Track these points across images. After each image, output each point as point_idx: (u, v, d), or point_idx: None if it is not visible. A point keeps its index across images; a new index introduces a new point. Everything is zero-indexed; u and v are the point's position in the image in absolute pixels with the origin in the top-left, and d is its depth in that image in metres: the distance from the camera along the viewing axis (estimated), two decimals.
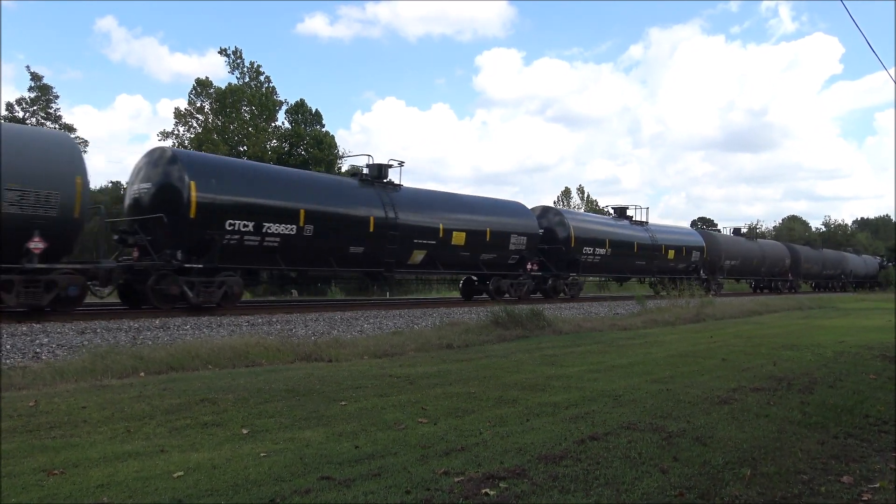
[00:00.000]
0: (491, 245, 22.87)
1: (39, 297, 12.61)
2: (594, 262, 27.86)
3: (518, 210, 25.43)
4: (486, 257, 22.85)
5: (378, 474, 4.29)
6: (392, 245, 19.45)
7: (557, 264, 25.93)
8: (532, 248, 24.36)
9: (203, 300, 15.15)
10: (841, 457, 4.88)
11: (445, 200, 22.51)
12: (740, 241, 42.87)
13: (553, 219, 26.89)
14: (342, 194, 18.83)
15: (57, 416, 5.88)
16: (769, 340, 13.46)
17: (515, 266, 23.91)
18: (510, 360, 10.02)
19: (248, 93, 48.76)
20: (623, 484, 4.14)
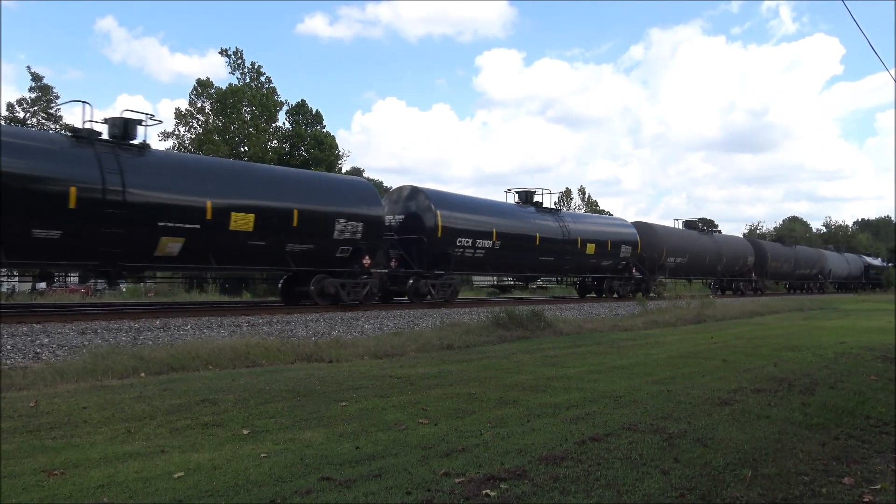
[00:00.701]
0: (303, 232, 17.12)
1: None
2: (476, 258, 22.41)
3: (351, 186, 19.60)
4: (297, 248, 17.09)
5: (379, 475, 4.29)
6: (116, 229, 13.73)
7: (422, 260, 21.00)
8: (373, 238, 18.91)
9: None
10: (842, 458, 4.87)
11: (222, 170, 16.92)
12: (690, 234, 37.31)
13: (421, 202, 21.44)
14: None
15: (57, 417, 5.88)
16: (770, 341, 13.45)
17: (348, 261, 18.35)
18: (511, 360, 10.01)
19: (249, 93, 48.73)
20: (624, 485, 4.13)
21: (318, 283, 17.73)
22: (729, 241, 42.34)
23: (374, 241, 19.09)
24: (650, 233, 33.05)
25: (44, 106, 43.35)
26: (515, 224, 24.44)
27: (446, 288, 21.61)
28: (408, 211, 21.53)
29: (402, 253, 20.98)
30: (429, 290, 20.92)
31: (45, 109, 43.34)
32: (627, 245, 29.98)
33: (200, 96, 48.31)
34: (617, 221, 32.70)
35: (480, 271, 24.42)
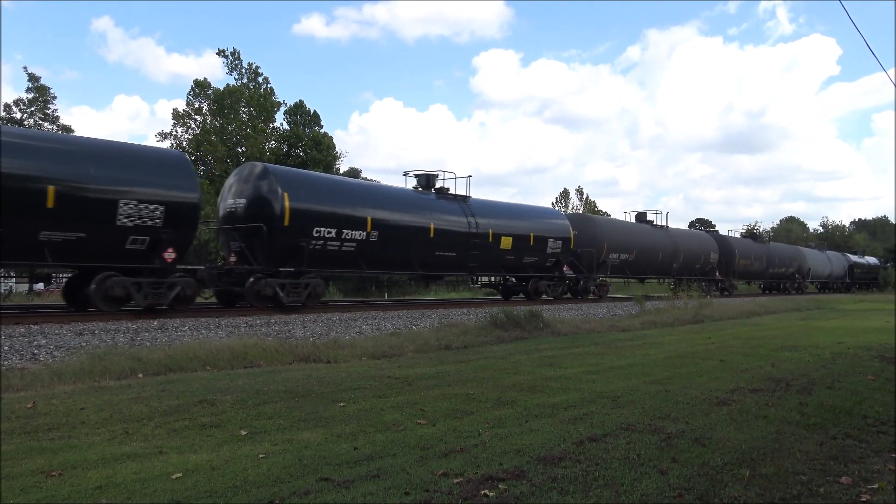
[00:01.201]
0: (65, 216, 12.90)
1: None
2: (343, 252, 18.05)
3: (149, 158, 15.06)
4: (58, 238, 12.97)
5: (377, 475, 4.29)
6: None
7: (265, 254, 16.54)
8: (181, 225, 14.71)
9: None
10: (839, 458, 4.88)
11: None
12: (638, 228, 33.19)
13: (267, 184, 16.93)
14: None
15: (55, 418, 5.87)
16: (767, 342, 13.48)
17: (145, 255, 14.23)
18: (509, 361, 10.02)
19: (247, 94, 48.75)
20: (622, 485, 4.14)
21: (101, 282, 13.50)
22: (688, 237, 37.50)
23: (183, 229, 14.76)
24: (588, 226, 29.02)
25: (41, 106, 43.30)
26: (401, 212, 20.01)
27: (300, 290, 17.02)
28: (252, 194, 16.96)
29: (243, 246, 16.61)
30: (275, 293, 16.34)
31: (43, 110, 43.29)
32: (557, 239, 25.56)
33: (198, 97, 48.32)
34: (544, 212, 27.41)
35: (351, 268, 19.41)
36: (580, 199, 75.24)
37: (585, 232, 28.00)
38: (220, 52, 50.51)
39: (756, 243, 44.38)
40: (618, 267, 30.14)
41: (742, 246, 41.74)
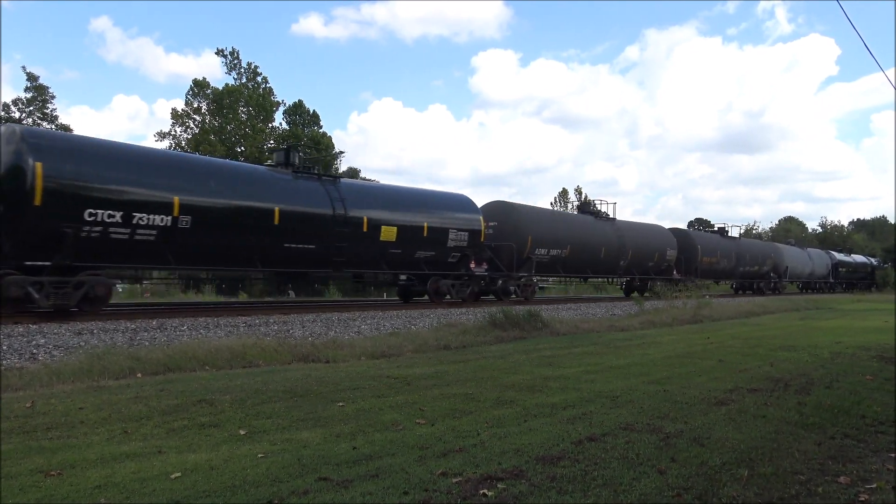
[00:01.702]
0: None
1: None
2: (138, 242, 14.20)
3: None
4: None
5: (376, 475, 4.29)
6: None
7: (13, 244, 13.13)
8: None
9: None
10: (838, 457, 4.89)
11: None
12: (574, 220, 29.31)
13: (12, 153, 13.13)
14: None
15: (54, 417, 5.87)
16: (766, 341, 13.49)
17: None
18: (507, 361, 10.02)
19: (246, 93, 48.75)
20: (621, 485, 4.14)
21: None
22: (639, 230, 32.44)
23: None
24: (509, 216, 24.79)
25: (39, 106, 43.28)
26: (229, 192, 15.96)
27: (69, 290, 13.30)
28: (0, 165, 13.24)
29: None
30: (27, 294, 12.71)
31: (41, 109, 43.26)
32: (461, 231, 21.65)
33: (197, 96, 48.31)
34: (445, 199, 22.82)
35: (151, 262, 15.59)
36: (579, 199, 75.29)
37: (505, 223, 24.59)
38: (220, 52, 50.53)
39: (724, 239, 40.78)
40: (547, 264, 26.12)
41: (706, 241, 37.70)
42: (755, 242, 48.56)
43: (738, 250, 40.59)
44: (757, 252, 43.46)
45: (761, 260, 43.43)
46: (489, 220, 23.94)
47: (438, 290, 21.39)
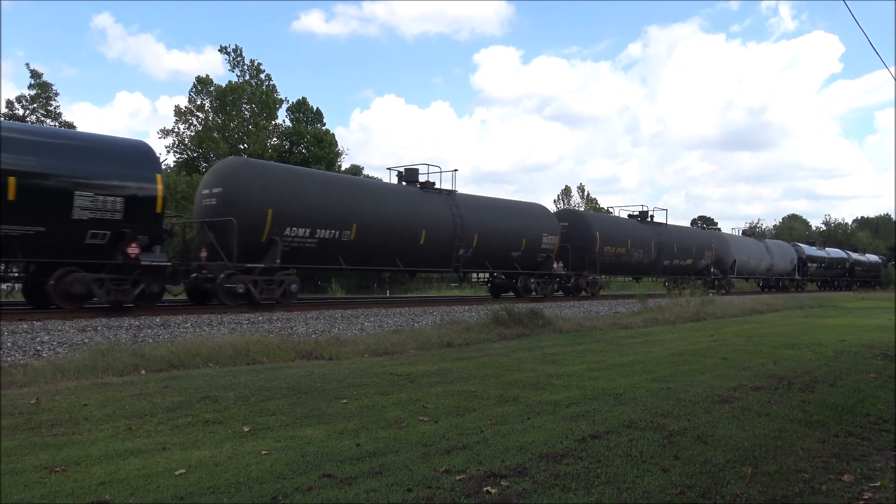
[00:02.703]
0: None
1: None
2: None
3: None
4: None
5: (379, 472, 4.30)
6: None
7: None
8: None
9: None
10: (842, 455, 4.89)
11: None
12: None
13: None
14: None
15: (58, 414, 5.89)
16: (770, 339, 13.47)
17: None
18: (511, 358, 10.02)
19: (249, 91, 48.74)
20: (624, 482, 4.14)
21: None
22: (492, 210, 23.79)
23: None
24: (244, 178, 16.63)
25: (43, 103, 43.34)
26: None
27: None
28: None
29: None
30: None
31: (45, 107, 43.32)
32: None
33: (200, 93, 48.30)
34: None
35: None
36: (581, 197, 75.22)
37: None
38: (223, 49, 50.49)
39: (642, 224, 32.56)
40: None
41: (610, 227, 29.80)
42: (688, 230, 39.65)
43: (659, 239, 32.23)
44: (689, 242, 34.75)
45: (696, 252, 34.87)
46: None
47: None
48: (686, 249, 34.32)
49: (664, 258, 32.73)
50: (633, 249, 30.41)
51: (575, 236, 27.29)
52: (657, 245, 32.06)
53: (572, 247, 26.83)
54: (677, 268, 34.27)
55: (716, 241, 37.56)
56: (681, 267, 34.45)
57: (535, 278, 24.79)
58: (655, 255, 32.00)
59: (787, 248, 48.09)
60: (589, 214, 30.24)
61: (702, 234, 39.15)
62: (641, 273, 33.20)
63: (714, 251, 36.31)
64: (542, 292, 25.04)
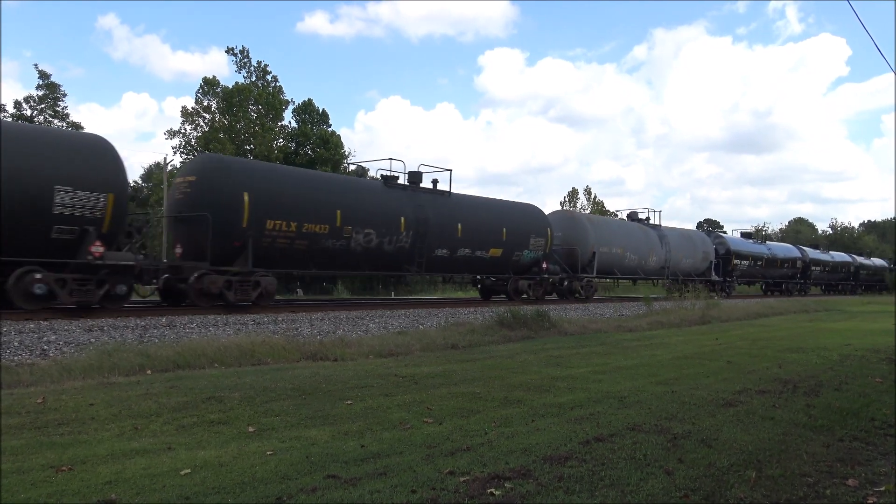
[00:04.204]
0: None
1: None
2: None
3: None
4: None
5: (384, 473, 4.31)
6: None
7: None
8: None
9: None
10: (846, 460, 4.88)
11: None
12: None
13: None
14: None
15: (65, 413, 5.92)
16: (775, 343, 13.44)
17: None
18: (515, 360, 10.03)
19: (255, 92, 48.87)
20: (628, 485, 4.15)
21: None
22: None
23: None
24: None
25: (51, 104, 43.54)
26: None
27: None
28: None
29: None
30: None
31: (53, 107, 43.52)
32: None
33: (207, 95, 48.46)
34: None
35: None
36: (588, 199, 75.19)
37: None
38: (230, 51, 50.65)
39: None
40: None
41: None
42: (514, 204, 25.79)
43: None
44: (484, 224, 22.32)
45: (514, 240, 23.30)
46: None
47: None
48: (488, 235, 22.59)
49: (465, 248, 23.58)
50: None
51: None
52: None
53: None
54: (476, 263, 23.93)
55: (547, 224, 25.35)
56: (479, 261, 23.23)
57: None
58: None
59: (699, 240, 36.78)
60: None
61: (532, 216, 25.09)
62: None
63: (543, 239, 24.59)
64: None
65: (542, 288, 24.83)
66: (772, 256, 44.40)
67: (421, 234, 19.98)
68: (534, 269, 24.46)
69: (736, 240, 42.56)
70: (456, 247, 21.31)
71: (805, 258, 47.82)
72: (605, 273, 29.15)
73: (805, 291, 48.13)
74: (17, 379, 7.45)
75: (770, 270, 44.50)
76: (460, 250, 21.50)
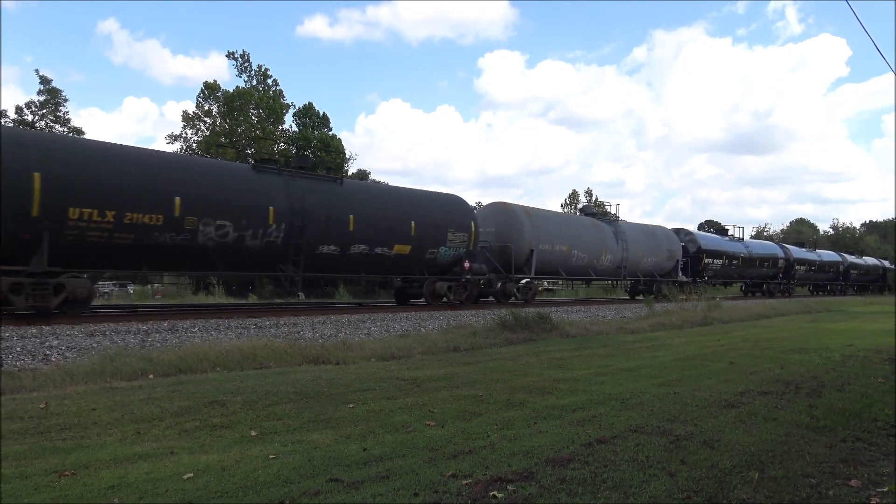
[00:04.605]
0: None
1: None
2: None
3: None
4: None
5: (386, 476, 4.31)
6: None
7: None
8: None
9: None
10: (849, 460, 4.87)
11: None
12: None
13: None
14: None
15: (67, 418, 5.92)
16: (777, 344, 13.43)
17: None
18: (517, 363, 10.02)
19: (256, 96, 48.93)
20: (631, 487, 4.14)
21: None
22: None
23: None
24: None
25: (52, 109, 43.61)
26: None
27: None
28: None
29: None
30: None
31: (54, 112, 43.59)
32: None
33: (207, 99, 48.52)
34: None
35: None
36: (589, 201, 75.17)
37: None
38: (230, 55, 50.74)
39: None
40: None
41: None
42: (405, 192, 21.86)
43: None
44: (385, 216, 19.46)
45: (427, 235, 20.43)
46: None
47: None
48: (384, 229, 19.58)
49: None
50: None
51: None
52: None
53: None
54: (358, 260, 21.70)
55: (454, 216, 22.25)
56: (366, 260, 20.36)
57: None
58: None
59: (663, 237, 33.20)
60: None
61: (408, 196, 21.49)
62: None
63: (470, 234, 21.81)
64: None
65: (466, 291, 21.89)
66: (749, 255, 41.17)
67: (298, 227, 17.01)
68: (455, 268, 21.61)
69: (708, 236, 39.48)
70: (348, 242, 18.28)
71: (788, 257, 45.35)
72: (548, 273, 26.54)
73: (789, 293, 45.70)
74: (19, 384, 7.46)
75: (748, 270, 41.66)
76: (354, 247, 18.48)
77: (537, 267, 24.68)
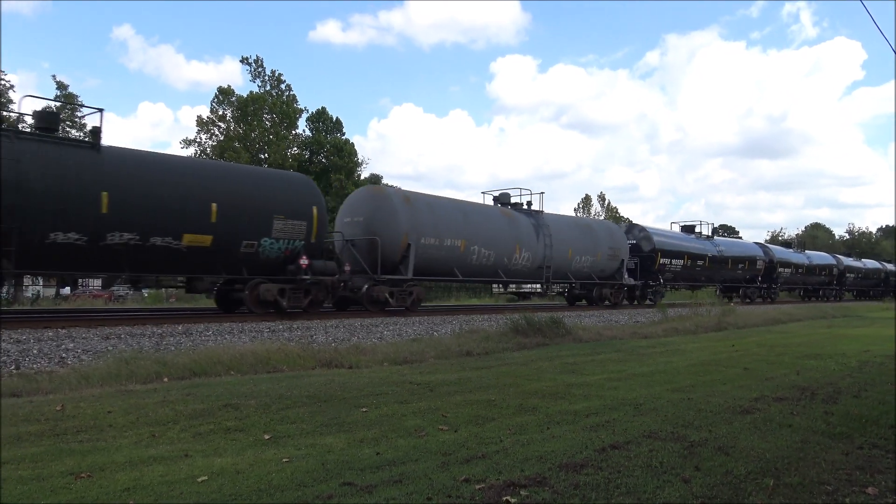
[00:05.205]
0: None
1: None
2: None
3: None
4: None
5: (399, 481, 4.31)
6: None
7: None
8: None
9: None
10: (865, 468, 4.82)
11: None
12: None
13: None
14: None
15: (83, 421, 5.97)
16: (792, 349, 13.32)
17: None
18: (530, 367, 10.00)
19: (270, 101, 49.23)
20: (644, 493, 4.12)
21: None
22: None
23: None
24: None
25: (69, 114, 44.02)
26: None
27: None
28: None
29: None
30: None
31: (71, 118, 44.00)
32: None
33: (222, 104, 48.87)
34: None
35: None
36: (602, 206, 74.96)
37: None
38: (244, 60, 51.11)
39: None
40: None
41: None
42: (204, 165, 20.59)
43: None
44: (164, 195, 14.47)
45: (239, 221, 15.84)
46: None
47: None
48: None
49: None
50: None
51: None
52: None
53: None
54: None
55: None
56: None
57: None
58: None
59: (604, 233, 28.15)
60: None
61: None
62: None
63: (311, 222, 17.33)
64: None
65: (309, 296, 16.92)
66: (719, 255, 36.18)
67: (9, 206, 12.31)
68: (290, 267, 16.65)
69: (665, 233, 33.50)
70: (101, 229, 13.46)
71: (770, 258, 41.22)
72: (438, 274, 21.34)
73: (771, 298, 41.76)
74: (36, 387, 7.54)
75: (719, 272, 36.41)
76: (112, 235, 13.61)
77: (421, 266, 19.52)
